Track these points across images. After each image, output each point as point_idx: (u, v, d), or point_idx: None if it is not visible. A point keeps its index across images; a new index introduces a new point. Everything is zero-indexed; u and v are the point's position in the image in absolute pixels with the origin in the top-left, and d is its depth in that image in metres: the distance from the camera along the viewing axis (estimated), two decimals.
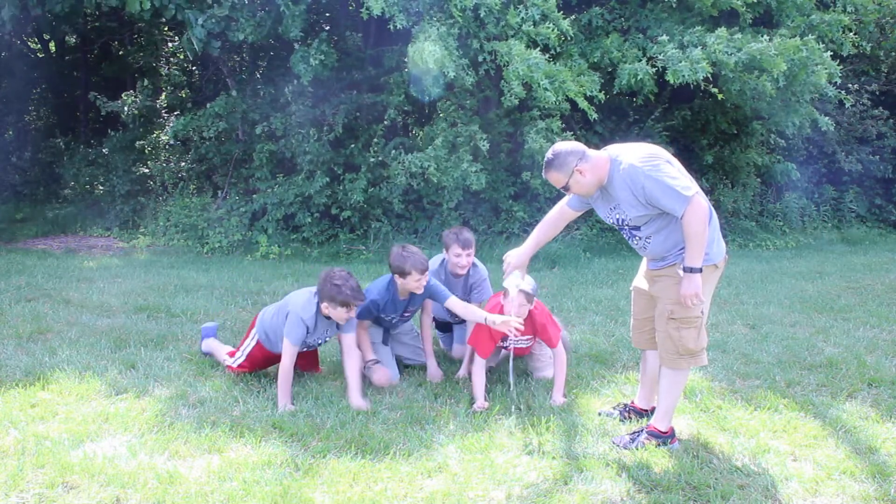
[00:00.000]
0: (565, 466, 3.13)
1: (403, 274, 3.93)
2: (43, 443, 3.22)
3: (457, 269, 4.43)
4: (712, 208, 3.26)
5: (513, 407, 3.78)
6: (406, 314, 4.35)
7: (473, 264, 4.53)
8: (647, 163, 3.11)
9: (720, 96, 8.83)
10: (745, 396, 4.00)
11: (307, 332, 3.85)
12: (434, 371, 4.33)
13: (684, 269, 3.14)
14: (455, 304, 4.07)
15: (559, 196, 3.57)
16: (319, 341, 4.06)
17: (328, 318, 3.87)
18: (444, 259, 4.49)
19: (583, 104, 8.19)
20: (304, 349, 4.02)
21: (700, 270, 3.12)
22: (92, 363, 4.33)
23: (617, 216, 3.29)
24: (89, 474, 2.94)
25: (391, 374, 4.17)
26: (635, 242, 3.35)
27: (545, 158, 3.28)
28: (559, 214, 3.63)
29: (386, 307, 4.16)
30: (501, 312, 3.87)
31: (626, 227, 3.31)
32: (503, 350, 4.11)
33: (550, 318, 4.09)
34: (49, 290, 6.54)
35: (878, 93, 13.34)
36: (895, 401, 3.95)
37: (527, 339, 4.13)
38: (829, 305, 6.43)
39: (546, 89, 7.88)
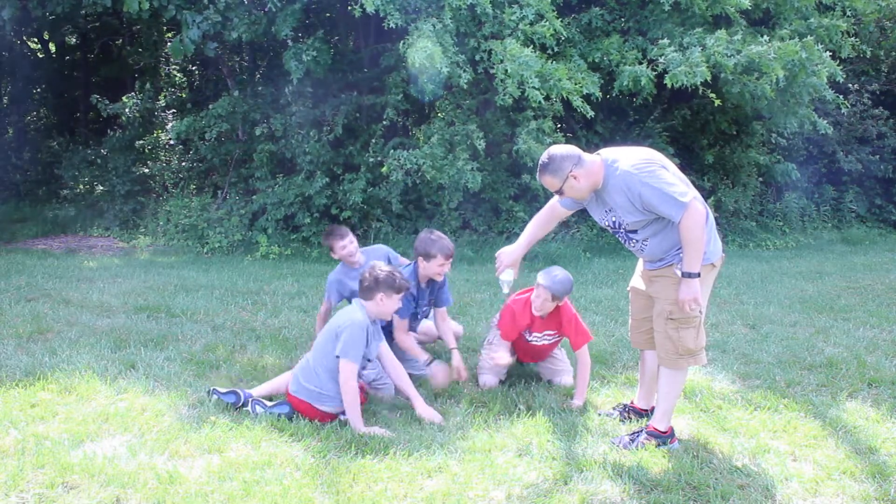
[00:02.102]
0: (565, 466, 3.13)
1: (428, 257, 4.00)
2: (43, 443, 3.21)
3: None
4: (708, 208, 3.25)
5: (513, 407, 3.79)
6: (426, 306, 4.35)
7: None
8: (642, 169, 3.09)
9: (717, 102, 8.82)
10: (745, 396, 4.00)
11: (366, 344, 3.59)
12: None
13: (682, 275, 3.13)
14: (444, 315, 4.31)
15: None
16: (370, 357, 3.73)
17: (373, 322, 3.70)
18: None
19: (577, 102, 8.17)
20: (359, 378, 3.65)
21: (698, 275, 3.12)
22: (92, 363, 4.32)
23: (613, 219, 3.28)
24: (89, 474, 2.94)
25: (446, 373, 4.12)
26: (632, 245, 3.34)
27: (540, 162, 3.23)
28: (550, 212, 3.62)
29: (419, 297, 4.22)
30: (524, 309, 4.01)
31: (621, 231, 3.30)
32: (527, 341, 4.14)
33: (578, 321, 4.06)
34: (49, 290, 6.55)
35: (878, 93, 13.34)
36: (895, 401, 3.95)
37: (550, 337, 4.10)
38: (829, 305, 6.43)
39: (535, 88, 7.85)
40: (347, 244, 4.55)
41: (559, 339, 4.18)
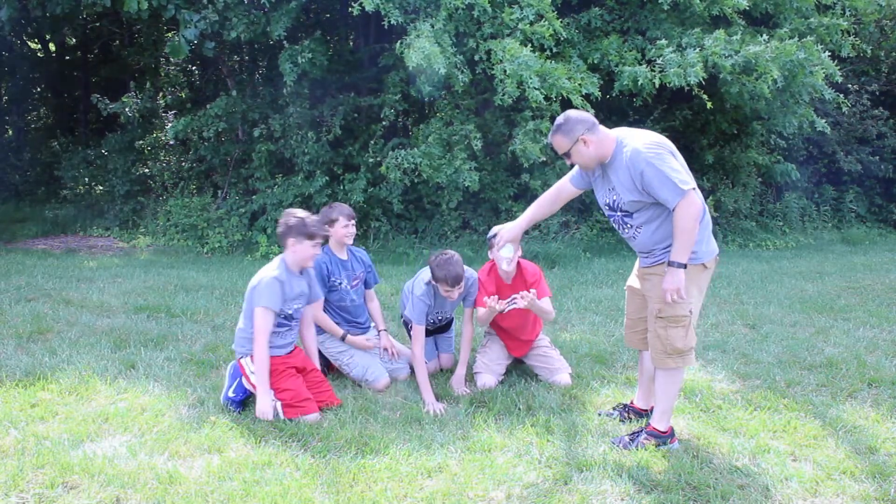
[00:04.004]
0: (565, 466, 3.13)
1: (332, 222, 4.17)
2: (43, 443, 3.22)
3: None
4: (706, 207, 3.25)
5: (513, 407, 3.79)
6: (355, 281, 4.34)
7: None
8: (650, 150, 3.12)
9: (709, 104, 8.83)
10: (745, 396, 4.00)
11: (282, 290, 3.64)
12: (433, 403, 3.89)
13: (668, 263, 3.13)
14: (372, 296, 4.50)
15: None
16: (297, 305, 3.78)
17: (300, 273, 3.78)
18: (429, 281, 4.17)
19: (577, 101, 8.16)
20: (283, 326, 3.74)
21: (684, 266, 3.11)
22: (92, 363, 4.33)
23: (613, 198, 3.29)
24: (89, 474, 2.94)
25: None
26: (626, 231, 3.34)
27: (555, 122, 3.29)
28: (557, 192, 3.63)
29: (332, 270, 4.24)
30: (490, 276, 4.13)
31: (618, 213, 3.31)
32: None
33: (541, 278, 4.16)
34: (49, 290, 6.54)
35: (878, 93, 13.35)
36: (895, 401, 3.95)
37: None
38: (829, 305, 6.43)
39: (535, 88, 7.85)
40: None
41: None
